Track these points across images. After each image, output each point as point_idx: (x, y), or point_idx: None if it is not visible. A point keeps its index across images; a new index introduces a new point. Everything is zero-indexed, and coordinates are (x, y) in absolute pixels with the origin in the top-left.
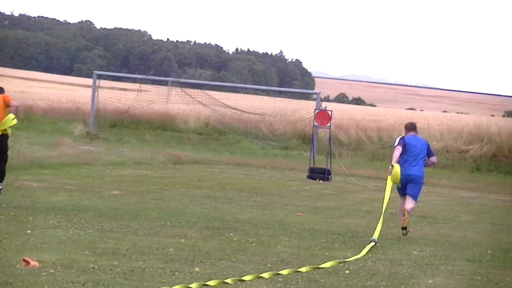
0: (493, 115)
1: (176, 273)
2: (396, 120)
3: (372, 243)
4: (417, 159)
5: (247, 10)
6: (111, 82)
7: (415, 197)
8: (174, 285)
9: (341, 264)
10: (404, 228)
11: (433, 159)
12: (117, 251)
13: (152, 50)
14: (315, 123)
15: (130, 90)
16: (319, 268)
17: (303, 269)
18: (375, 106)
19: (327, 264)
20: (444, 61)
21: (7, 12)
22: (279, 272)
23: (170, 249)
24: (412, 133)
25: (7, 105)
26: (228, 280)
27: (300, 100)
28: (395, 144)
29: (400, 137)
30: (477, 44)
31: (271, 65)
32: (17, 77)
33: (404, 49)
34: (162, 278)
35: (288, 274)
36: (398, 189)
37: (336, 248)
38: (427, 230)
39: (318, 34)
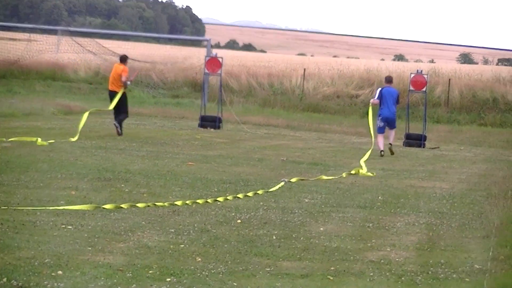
0: (383, 59)
1: (68, 226)
2: (287, 65)
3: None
4: (391, 105)
5: None
6: (0, 32)
7: (394, 129)
8: (65, 238)
9: (233, 214)
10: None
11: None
12: (8, 204)
13: None
14: (206, 70)
15: (19, 40)
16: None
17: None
18: (266, 52)
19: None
20: (334, 6)
21: None
22: (192, 201)
23: (61, 202)
24: (387, 85)
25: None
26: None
27: (191, 47)
28: (375, 97)
29: (379, 89)
30: None
31: (161, 12)
32: None
33: None
34: (53, 231)
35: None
36: (379, 128)
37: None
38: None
39: None
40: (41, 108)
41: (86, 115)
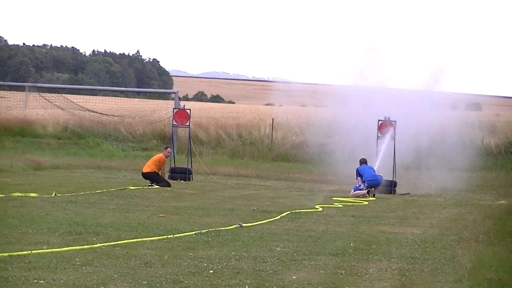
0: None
1: (40, 281)
2: (255, 116)
3: None
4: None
5: (102, 10)
6: None
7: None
8: None
9: (205, 264)
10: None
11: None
12: None
13: (8, 56)
14: (174, 123)
15: None
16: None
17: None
18: (234, 103)
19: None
20: (301, 54)
21: None
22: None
23: (33, 257)
24: (363, 164)
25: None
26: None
27: (159, 100)
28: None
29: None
30: (329, 36)
31: (129, 65)
32: None
33: (259, 44)
34: (26, 286)
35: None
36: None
37: (199, 247)
38: (289, 225)
39: (174, 32)
40: (11, 164)
41: None
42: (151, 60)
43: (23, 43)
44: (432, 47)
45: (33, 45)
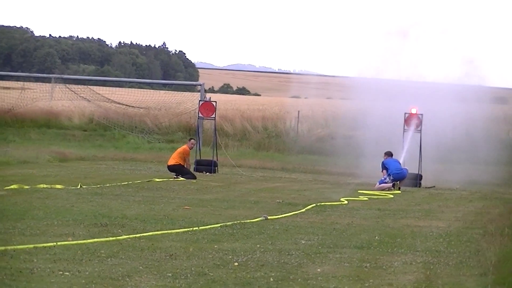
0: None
1: (66, 272)
2: (280, 108)
3: None
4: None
5: (129, 2)
6: None
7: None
8: (62, 285)
9: (230, 257)
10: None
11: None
12: (4, 252)
13: (34, 47)
14: (200, 115)
15: (13, 88)
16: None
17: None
18: (260, 95)
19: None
20: (327, 47)
21: None
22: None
23: (58, 249)
24: (389, 157)
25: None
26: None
27: (185, 92)
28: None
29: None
30: (355, 28)
31: (155, 57)
32: None
33: (286, 36)
34: (51, 278)
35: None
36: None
37: (224, 240)
38: (314, 218)
39: (201, 24)
40: (36, 155)
41: None
42: (177, 52)
43: (50, 35)
44: (460, 41)
45: (59, 36)
